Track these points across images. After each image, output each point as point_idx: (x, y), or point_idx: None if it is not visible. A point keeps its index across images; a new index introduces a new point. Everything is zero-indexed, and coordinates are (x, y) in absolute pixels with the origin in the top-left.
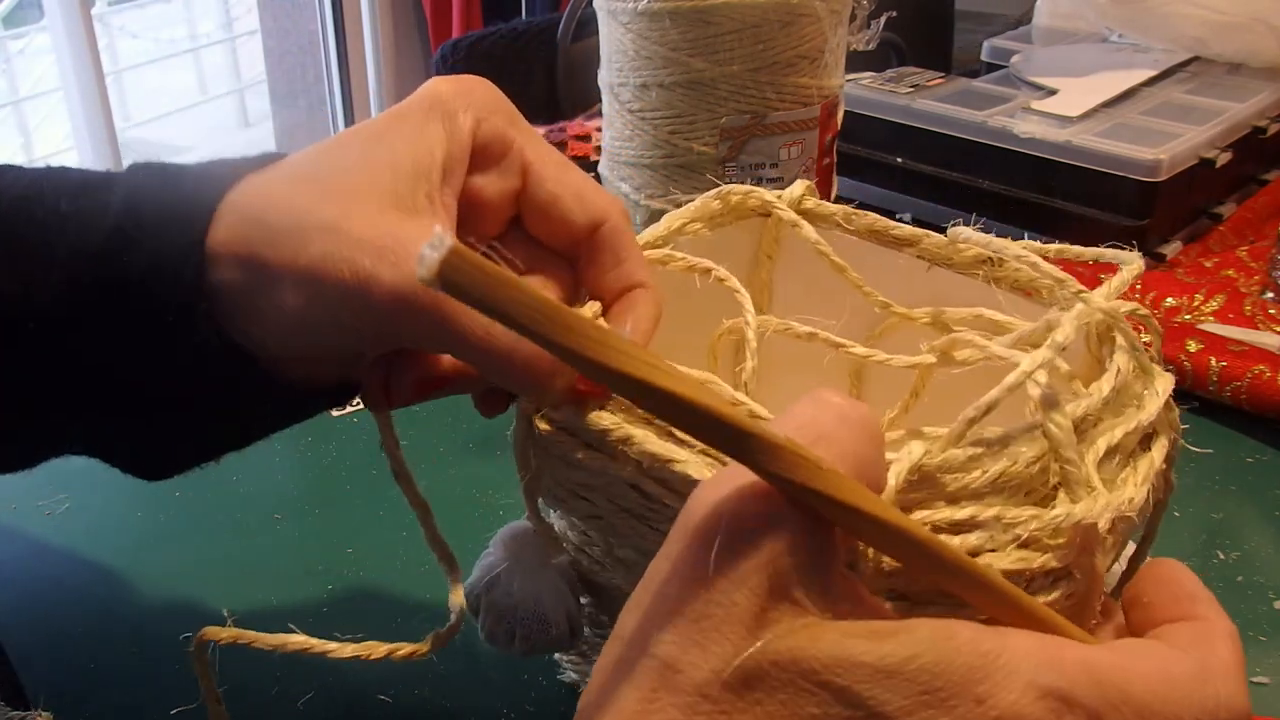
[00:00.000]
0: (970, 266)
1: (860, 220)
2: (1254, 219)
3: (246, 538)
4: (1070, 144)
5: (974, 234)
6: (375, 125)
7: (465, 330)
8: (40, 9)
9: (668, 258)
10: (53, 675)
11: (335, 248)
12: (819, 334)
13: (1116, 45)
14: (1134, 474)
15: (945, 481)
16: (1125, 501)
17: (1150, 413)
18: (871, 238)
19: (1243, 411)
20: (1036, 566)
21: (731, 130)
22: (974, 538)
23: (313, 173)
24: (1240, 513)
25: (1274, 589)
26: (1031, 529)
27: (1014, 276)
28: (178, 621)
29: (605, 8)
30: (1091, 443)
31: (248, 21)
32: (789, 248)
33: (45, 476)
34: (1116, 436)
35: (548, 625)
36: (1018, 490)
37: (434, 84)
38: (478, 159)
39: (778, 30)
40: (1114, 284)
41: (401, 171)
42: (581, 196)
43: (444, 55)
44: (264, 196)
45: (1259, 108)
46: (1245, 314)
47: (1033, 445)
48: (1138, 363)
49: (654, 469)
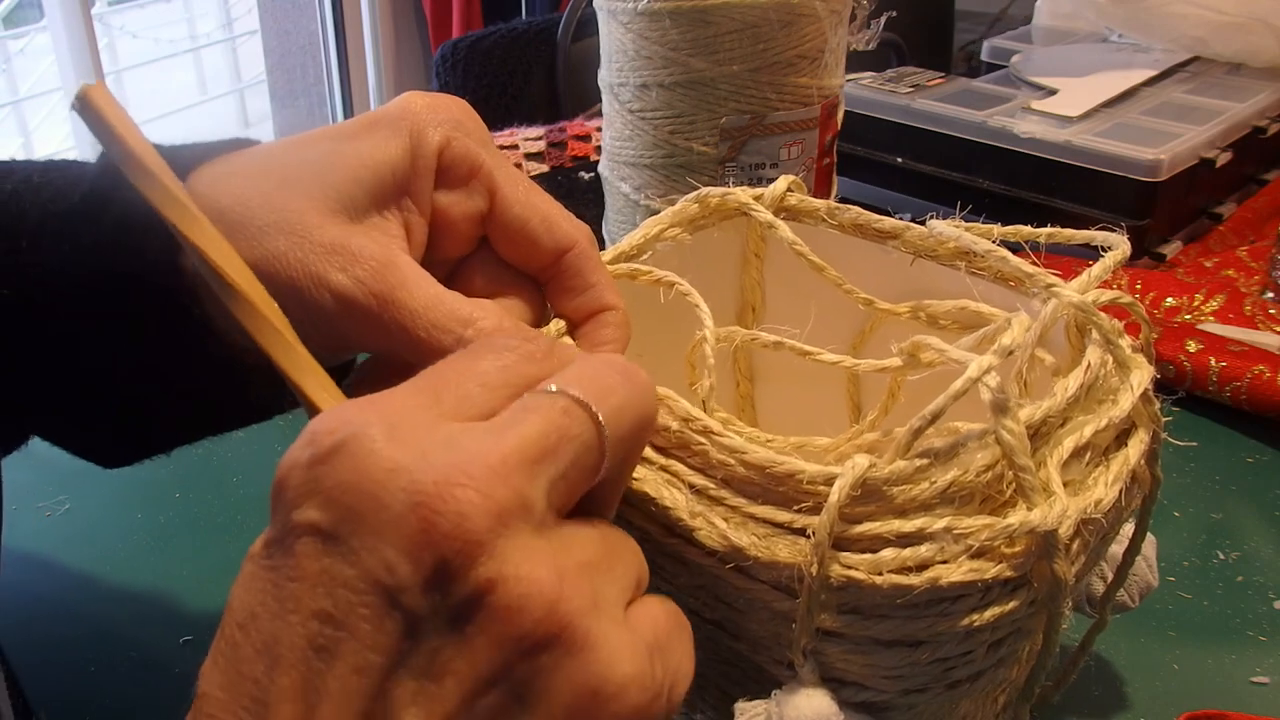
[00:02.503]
0: (952, 258)
1: (844, 215)
2: (1254, 219)
3: (246, 539)
4: (1070, 144)
5: (948, 229)
6: (346, 128)
7: (408, 330)
8: (40, 9)
9: (635, 271)
10: (52, 676)
11: (288, 247)
12: (785, 343)
13: (1116, 45)
14: (1105, 473)
15: (893, 494)
16: (1091, 504)
17: (1123, 408)
18: (856, 232)
19: (1243, 411)
20: (990, 577)
21: (731, 130)
22: (924, 549)
23: (275, 168)
24: (1240, 513)
25: (1274, 589)
26: (983, 539)
27: (995, 268)
28: (177, 623)
29: (605, 8)
30: (1057, 444)
31: (248, 21)
32: (777, 246)
33: (45, 476)
34: (1085, 435)
35: None
36: (970, 499)
37: (408, 97)
38: (445, 177)
39: (778, 30)
40: (1093, 273)
41: (361, 179)
42: (549, 221)
43: (444, 55)
44: (225, 186)
45: (1259, 108)
46: (1245, 314)
47: (986, 452)
48: (1114, 356)
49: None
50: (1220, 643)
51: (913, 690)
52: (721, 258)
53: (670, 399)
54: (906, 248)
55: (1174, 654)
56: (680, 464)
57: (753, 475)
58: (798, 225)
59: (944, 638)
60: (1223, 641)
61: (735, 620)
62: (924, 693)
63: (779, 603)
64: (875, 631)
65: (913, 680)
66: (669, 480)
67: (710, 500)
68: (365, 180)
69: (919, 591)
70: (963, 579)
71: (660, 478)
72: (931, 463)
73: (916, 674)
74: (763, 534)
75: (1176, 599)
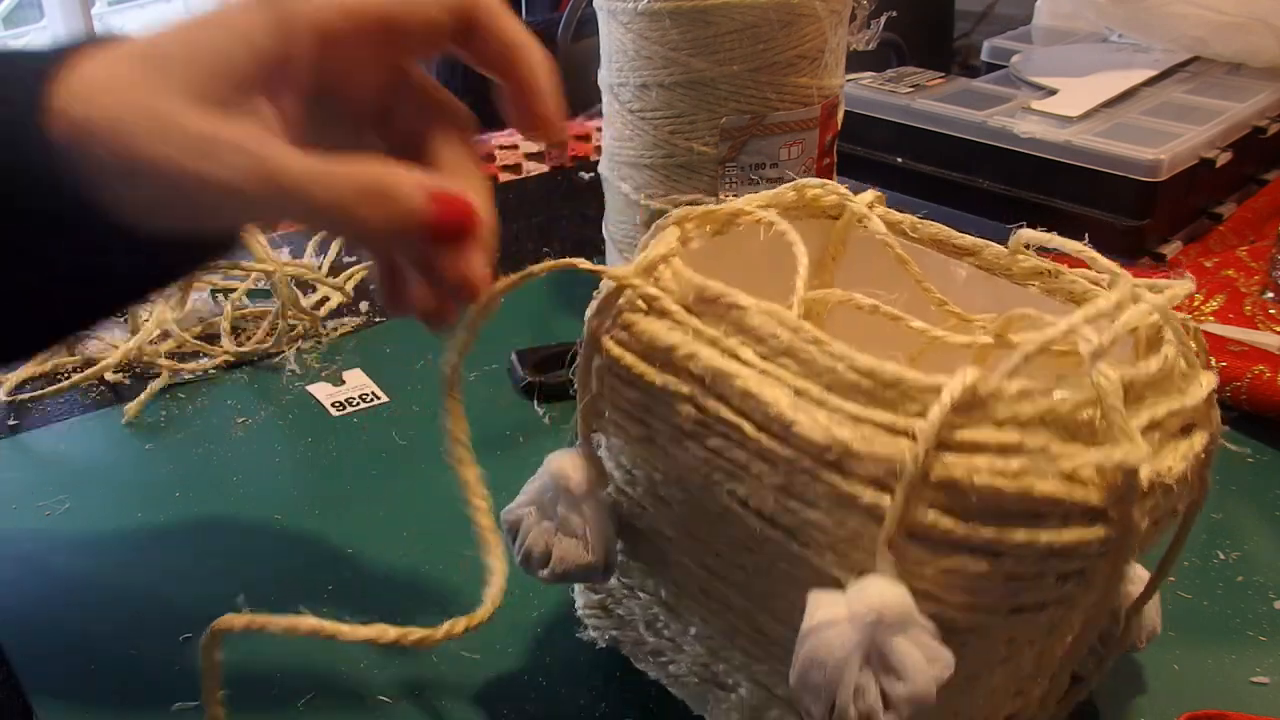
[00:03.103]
0: (1027, 277)
1: (925, 230)
2: (1254, 219)
3: (246, 538)
4: (1070, 144)
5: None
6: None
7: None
8: (40, 9)
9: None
10: (52, 676)
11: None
12: (881, 307)
13: (1116, 45)
14: (1175, 449)
15: (995, 409)
16: (1166, 467)
17: (1194, 398)
18: (935, 247)
19: (1243, 411)
20: (1078, 498)
21: (731, 130)
22: (1018, 463)
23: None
24: (1240, 513)
25: (1274, 589)
26: (1076, 463)
27: (1069, 288)
28: (177, 622)
29: (605, 8)
30: (1135, 411)
31: None
32: (853, 254)
33: (45, 476)
34: (1159, 413)
35: (585, 551)
36: (1063, 430)
37: None
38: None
39: (778, 30)
40: (1170, 292)
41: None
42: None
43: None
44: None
45: (1259, 108)
46: (1245, 314)
47: (1081, 394)
48: (1185, 359)
49: (715, 384)
50: (1220, 643)
51: (981, 608)
52: None
53: (779, 311)
54: (983, 265)
55: (1174, 654)
56: (784, 370)
57: (861, 380)
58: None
59: (1022, 552)
60: (1223, 641)
61: (813, 524)
62: (991, 614)
63: (870, 497)
64: (960, 534)
65: (983, 596)
66: (771, 381)
67: (813, 401)
68: (219, 69)
69: (1009, 497)
70: (1052, 492)
71: (762, 378)
72: (1035, 388)
73: (988, 589)
74: (864, 432)
75: (1176, 599)
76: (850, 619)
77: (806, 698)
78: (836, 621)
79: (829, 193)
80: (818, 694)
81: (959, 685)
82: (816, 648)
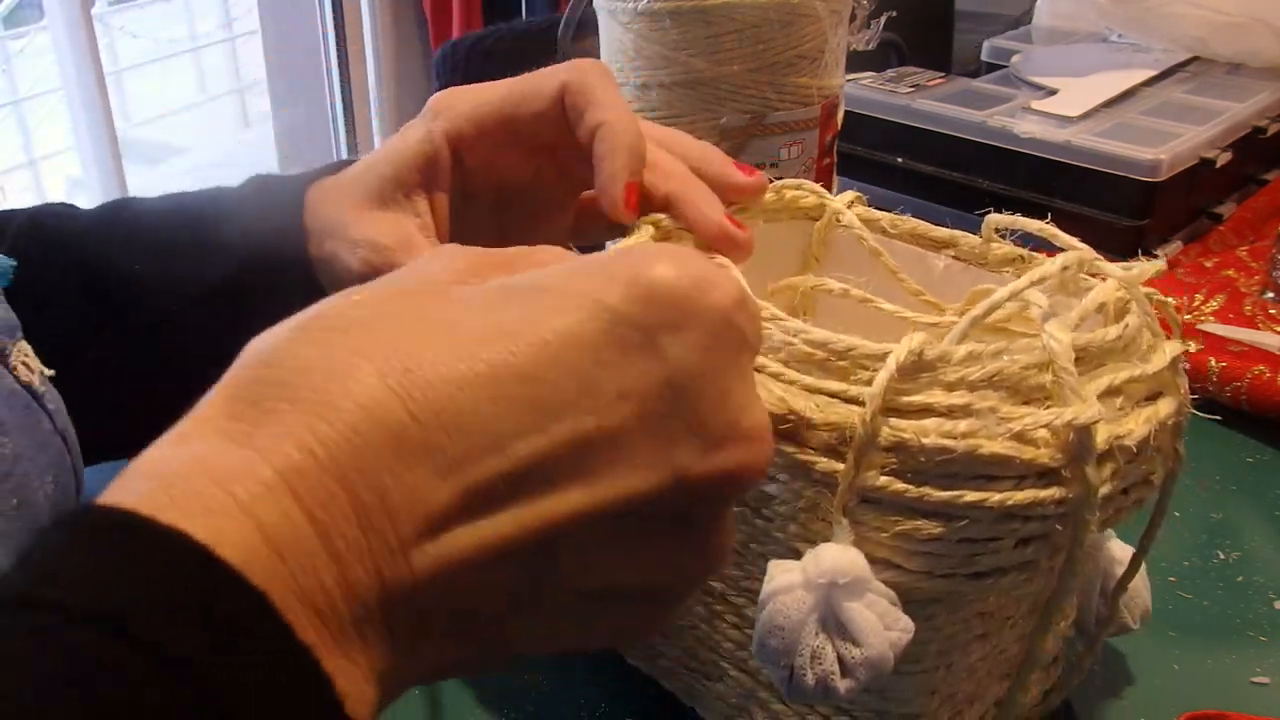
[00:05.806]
0: (1001, 265)
1: (903, 225)
2: (1254, 219)
3: None
4: (1070, 144)
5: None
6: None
7: None
8: (40, 9)
9: None
10: None
11: (334, 248)
12: (851, 291)
13: (1116, 45)
14: (1137, 414)
15: (944, 372)
16: (1126, 430)
17: (1155, 366)
18: (914, 241)
19: (1243, 411)
20: (1027, 458)
21: (731, 130)
22: (964, 424)
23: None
24: (1240, 513)
25: (1274, 589)
26: (1025, 423)
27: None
28: None
29: (605, 8)
30: (1093, 377)
31: (248, 22)
32: (836, 254)
33: None
34: (1119, 378)
35: None
36: (1013, 392)
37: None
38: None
39: (778, 30)
40: (1137, 268)
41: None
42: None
43: (444, 55)
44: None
45: (1259, 108)
46: (1245, 314)
47: (1032, 355)
48: (1149, 328)
49: None
50: (1220, 643)
51: (938, 575)
52: (783, 255)
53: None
54: (959, 256)
55: (1174, 654)
56: None
57: (815, 352)
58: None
59: (975, 514)
60: (1223, 641)
61: (773, 496)
62: (950, 579)
63: (824, 464)
64: (913, 496)
65: (940, 561)
66: None
67: (769, 375)
68: (386, 176)
69: (958, 456)
70: (1001, 451)
71: None
72: (983, 350)
73: (944, 553)
74: (818, 402)
75: (1176, 599)
76: (805, 584)
77: (767, 664)
78: (792, 587)
79: (807, 193)
80: (777, 659)
81: (932, 660)
82: (774, 613)
